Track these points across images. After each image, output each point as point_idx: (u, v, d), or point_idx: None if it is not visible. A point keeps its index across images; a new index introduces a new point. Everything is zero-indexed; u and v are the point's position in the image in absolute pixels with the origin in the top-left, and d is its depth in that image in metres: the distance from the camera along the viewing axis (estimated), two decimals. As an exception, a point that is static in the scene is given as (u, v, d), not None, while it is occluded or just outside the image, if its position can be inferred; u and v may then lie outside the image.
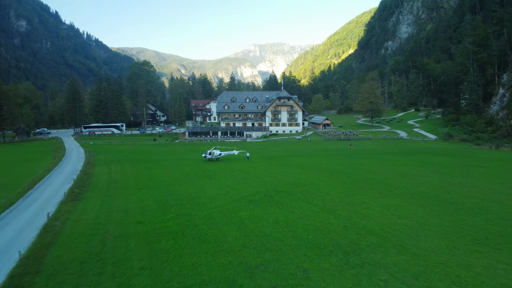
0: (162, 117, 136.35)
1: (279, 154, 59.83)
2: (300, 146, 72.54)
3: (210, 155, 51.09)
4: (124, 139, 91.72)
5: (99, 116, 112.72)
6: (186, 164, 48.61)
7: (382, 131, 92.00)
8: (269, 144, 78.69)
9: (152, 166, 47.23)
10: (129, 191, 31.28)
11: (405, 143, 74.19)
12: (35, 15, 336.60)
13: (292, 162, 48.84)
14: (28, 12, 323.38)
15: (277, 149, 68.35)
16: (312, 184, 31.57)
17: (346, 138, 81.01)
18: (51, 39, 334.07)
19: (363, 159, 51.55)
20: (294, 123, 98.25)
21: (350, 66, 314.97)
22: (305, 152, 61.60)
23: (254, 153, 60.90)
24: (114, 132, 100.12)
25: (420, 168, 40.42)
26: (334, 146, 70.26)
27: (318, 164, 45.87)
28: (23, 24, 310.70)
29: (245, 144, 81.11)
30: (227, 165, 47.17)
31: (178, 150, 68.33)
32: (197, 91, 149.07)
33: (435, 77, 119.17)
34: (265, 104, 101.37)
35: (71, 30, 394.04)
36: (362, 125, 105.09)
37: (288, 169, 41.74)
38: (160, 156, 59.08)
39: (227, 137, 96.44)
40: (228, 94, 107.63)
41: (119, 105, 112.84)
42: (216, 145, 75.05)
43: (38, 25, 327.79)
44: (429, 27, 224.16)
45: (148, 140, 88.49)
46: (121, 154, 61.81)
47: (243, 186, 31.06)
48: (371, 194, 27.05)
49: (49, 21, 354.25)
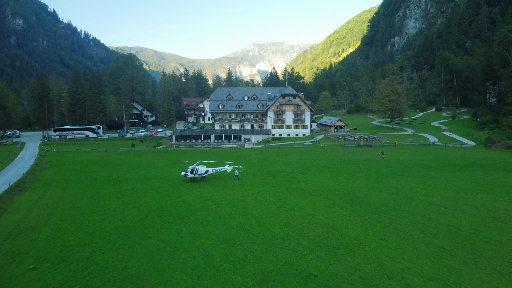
0: (150, 118, 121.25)
1: (286, 168, 45.24)
2: (311, 155, 57.84)
3: (193, 173, 36.52)
4: (97, 145, 76.90)
5: (75, 117, 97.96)
6: (156, 187, 34.00)
7: (406, 134, 77.43)
8: (272, 151, 63.99)
9: (107, 191, 32.58)
10: (15, 268, 16.50)
11: (441, 151, 59.69)
12: (32, 14, 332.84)
13: (308, 183, 34.32)
14: (25, 11, 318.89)
15: (282, 159, 53.71)
16: (369, 245, 17.00)
17: (367, 144, 66.14)
18: (48, 38, 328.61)
19: (404, 177, 37.54)
20: (301, 125, 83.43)
21: (354, 63, 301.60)
22: (321, 165, 46.98)
23: (253, 166, 46.22)
24: (89, 135, 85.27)
25: (500, 197, 26.76)
26: (356, 155, 55.63)
27: (348, 188, 31.38)
28: (20, 22, 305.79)
29: (243, 151, 66.38)
30: (214, 189, 32.59)
31: (157, 161, 53.53)
32: (190, 89, 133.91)
33: (458, 73, 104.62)
34: (266, 103, 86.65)
35: (68, 29, 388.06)
36: (380, 128, 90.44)
37: (308, 200, 27.26)
38: (128, 172, 44.36)
39: (221, 141, 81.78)
40: (223, 91, 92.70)
41: (98, 104, 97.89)
42: (207, 155, 60.41)
43: (35, 24, 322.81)
44: (440, 22, 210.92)
45: (126, 146, 73.66)
46: (79, 168, 47.07)
47: (235, 258, 16.32)
48: None
49: (46, 20, 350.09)
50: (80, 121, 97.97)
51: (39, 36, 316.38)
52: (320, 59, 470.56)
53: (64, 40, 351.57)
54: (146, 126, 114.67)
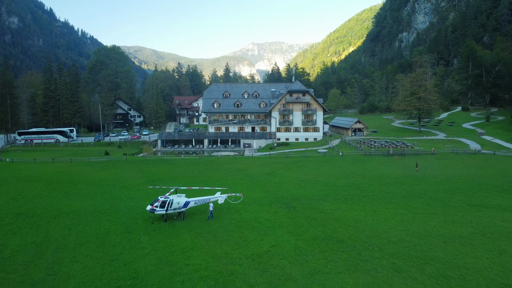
0: (137, 118, 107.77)
1: (304, 190, 32.12)
2: (332, 167, 44.59)
3: (166, 207, 23.40)
4: (65, 152, 63.59)
5: (48, 118, 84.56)
6: (102, 235, 21.03)
7: (439, 139, 64.22)
8: (279, 162, 50.71)
9: (16, 245, 19.46)
10: None
11: (495, 161, 46.50)
12: (28, 12, 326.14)
13: (345, 224, 21.19)
14: (20, 9, 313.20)
15: (295, 174, 40.53)
16: None
17: (398, 152, 52.71)
18: (44, 36, 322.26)
19: (483, 209, 25.51)
20: (312, 128, 70.14)
21: (358, 60, 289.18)
22: (351, 185, 33.78)
23: (256, 187, 33.10)
24: (60, 140, 71.97)
25: None
26: (390, 169, 42.42)
27: (414, 236, 18.14)
28: (15, 20, 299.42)
29: (242, 162, 53.10)
30: (194, 240, 19.41)
31: (127, 178, 40.20)
32: (184, 86, 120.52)
33: (488, 67, 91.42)
34: (270, 101, 73.46)
35: (65, 27, 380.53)
36: (403, 130, 77.24)
37: (363, 276, 13.99)
38: (78, 197, 31.15)
39: (216, 147, 68.61)
40: (219, 87, 79.29)
41: (75, 102, 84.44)
42: (195, 168, 47.15)
43: (31, 22, 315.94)
44: (452, 15, 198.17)
45: (99, 153, 60.24)
46: (15, 190, 33.88)
47: None
48: None
49: (42, 18, 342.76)
50: (54, 122, 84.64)
51: (34, 35, 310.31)
52: (320, 58, 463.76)
53: (61, 39, 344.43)
54: (132, 128, 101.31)
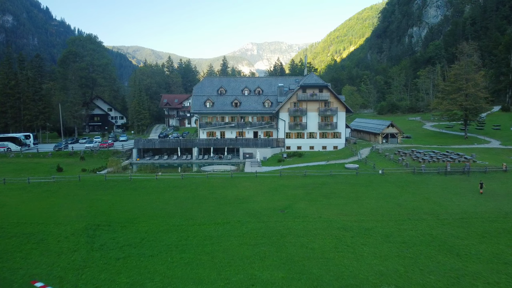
0: (119, 120, 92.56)
1: (357, 264, 16.77)
2: (378, 198, 29.39)
3: None
4: (12, 165, 48.43)
5: (7, 120, 69.58)
6: None
7: (494, 148, 49.03)
8: (295, 186, 35.45)
9: None
10: None
11: None
12: (23, 10, 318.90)
13: None
14: (15, 8, 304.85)
15: (326, 213, 25.38)
16: None
17: (458, 168, 37.38)
18: (39, 35, 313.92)
19: None
20: (331, 133, 54.92)
21: (364, 58, 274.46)
22: (433, 245, 18.41)
23: (267, 245, 17.29)
24: (12, 149, 57.08)
25: None
26: (465, 200, 27.21)
27: None
28: (9, 19, 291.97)
29: (241, 185, 37.73)
30: None
31: (60, 220, 25.00)
32: (175, 83, 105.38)
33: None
34: (277, 99, 58.37)
35: (61, 26, 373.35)
36: (441, 135, 62.23)
37: None
38: None
39: (209, 158, 53.51)
40: (212, 82, 63.97)
41: (38, 101, 69.27)
42: (169, 196, 31.71)
43: (26, 21, 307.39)
44: (469, 8, 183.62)
45: (51, 168, 44.98)
46: None
47: None
48: None
49: (38, 17, 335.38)
50: (14, 125, 69.63)
51: (29, 34, 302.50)
52: (320, 57, 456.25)
53: (56, 38, 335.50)
54: (113, 131, 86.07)
